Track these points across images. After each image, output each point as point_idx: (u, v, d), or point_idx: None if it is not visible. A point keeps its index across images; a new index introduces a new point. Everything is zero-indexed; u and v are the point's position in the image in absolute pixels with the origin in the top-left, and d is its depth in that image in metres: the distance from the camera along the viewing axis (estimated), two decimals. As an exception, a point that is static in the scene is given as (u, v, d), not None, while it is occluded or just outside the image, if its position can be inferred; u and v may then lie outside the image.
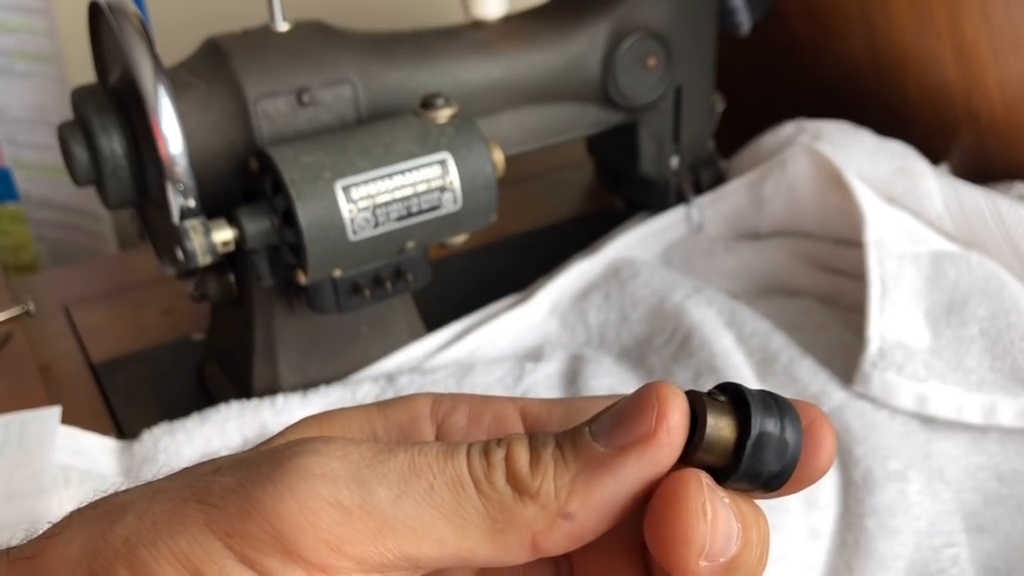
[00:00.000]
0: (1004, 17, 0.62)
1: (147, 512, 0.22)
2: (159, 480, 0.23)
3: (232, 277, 0.54)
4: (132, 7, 0.48)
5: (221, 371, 0.59)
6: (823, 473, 0.23)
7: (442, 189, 0.50)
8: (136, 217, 0.55)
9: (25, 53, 0.73)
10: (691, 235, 0.67)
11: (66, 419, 0.52)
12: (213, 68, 0.51)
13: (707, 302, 0.59)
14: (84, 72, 0.55)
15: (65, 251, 0.82)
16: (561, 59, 0.60)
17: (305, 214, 0.47)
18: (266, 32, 0.53)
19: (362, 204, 0.49)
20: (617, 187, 0.72)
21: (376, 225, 0.49)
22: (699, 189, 0.68)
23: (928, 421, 0.52)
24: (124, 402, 0.58)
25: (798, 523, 0.48)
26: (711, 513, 0.21)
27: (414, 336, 0.59)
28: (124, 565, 0.21)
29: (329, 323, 0.56)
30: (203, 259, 0.48)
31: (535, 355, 0.58)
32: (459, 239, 0.55)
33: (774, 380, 0.55)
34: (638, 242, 0.66)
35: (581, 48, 0.60)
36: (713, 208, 0.67)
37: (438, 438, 0.27)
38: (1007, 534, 0.50)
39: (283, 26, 0.53)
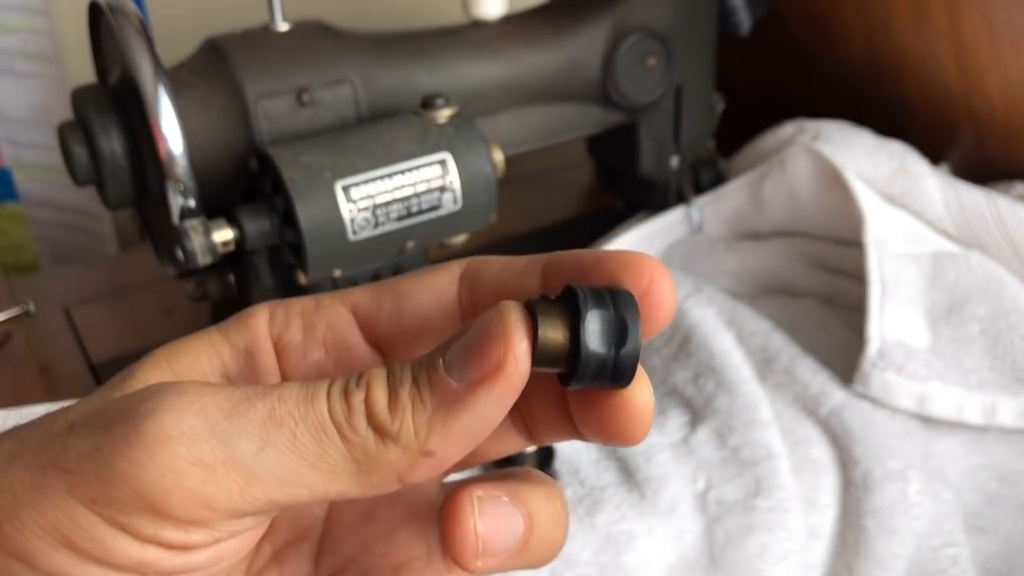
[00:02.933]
0: (1004, 17, 0.62)
1: (5, 484, 0.21)
2: (8, 440, 0.23)
3: (232, 277, 0.54)
4: (132, 7, 0.48)
5: (221, 371, 0.59)
6: (665, 323, 0.23)
7: (442, 189, 0.50)
8: (136, 217, 0.55)
9: (25, 53, 0.73)
10: (691, 235, 0.67)
11: (66, 419, 0.52)
12: (213, 68, 0.51)
13: (707, 302, 0.59)
14: (84, 72, 0.55)
15: (65, 251, 0.82)
16: (561, 59, 0.59)
17: (305, 214, 0.47)
18: (266, 32, 0.53)
19: (362, 204, 0.49)
20: (617, 187, 0.72)
21: (376, 225, 0.49)
22: (699, 189, 0.68)
23: (928, 421, 0.52)
24: (124, 402, 0.58)
25: (798, 523, 0.48)
26: (481, 525, 0.23)
27: (414, 336, 0.59)
28: None
29: (329, 323, 0.56)
30: (203, 259, 0.48)
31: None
32: (459, 239, 0.55)
33: (774, 380, 0.55)
34: (638, 242, 0.66)
35: (581, 48, 0.60)
36: (713, 208, 0.67)
37: (277, 356, 0.26)
38: (1007, 534, 0.50)
39: (283, 26, 0.53)
